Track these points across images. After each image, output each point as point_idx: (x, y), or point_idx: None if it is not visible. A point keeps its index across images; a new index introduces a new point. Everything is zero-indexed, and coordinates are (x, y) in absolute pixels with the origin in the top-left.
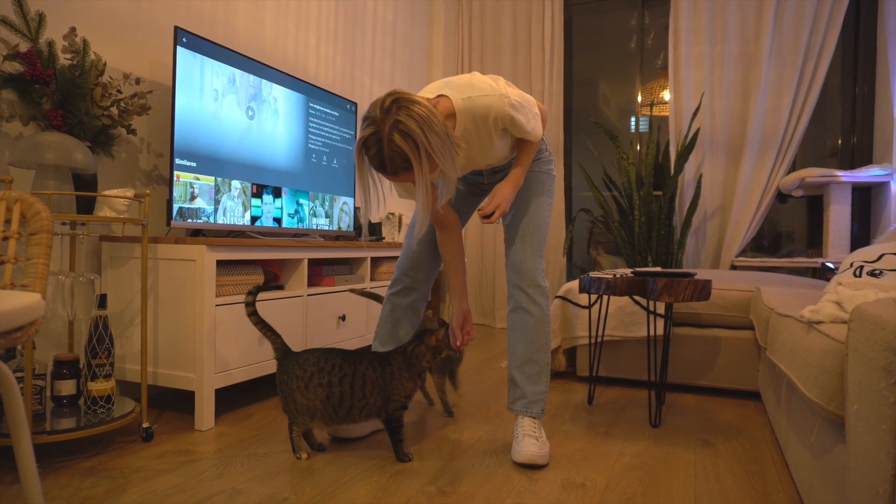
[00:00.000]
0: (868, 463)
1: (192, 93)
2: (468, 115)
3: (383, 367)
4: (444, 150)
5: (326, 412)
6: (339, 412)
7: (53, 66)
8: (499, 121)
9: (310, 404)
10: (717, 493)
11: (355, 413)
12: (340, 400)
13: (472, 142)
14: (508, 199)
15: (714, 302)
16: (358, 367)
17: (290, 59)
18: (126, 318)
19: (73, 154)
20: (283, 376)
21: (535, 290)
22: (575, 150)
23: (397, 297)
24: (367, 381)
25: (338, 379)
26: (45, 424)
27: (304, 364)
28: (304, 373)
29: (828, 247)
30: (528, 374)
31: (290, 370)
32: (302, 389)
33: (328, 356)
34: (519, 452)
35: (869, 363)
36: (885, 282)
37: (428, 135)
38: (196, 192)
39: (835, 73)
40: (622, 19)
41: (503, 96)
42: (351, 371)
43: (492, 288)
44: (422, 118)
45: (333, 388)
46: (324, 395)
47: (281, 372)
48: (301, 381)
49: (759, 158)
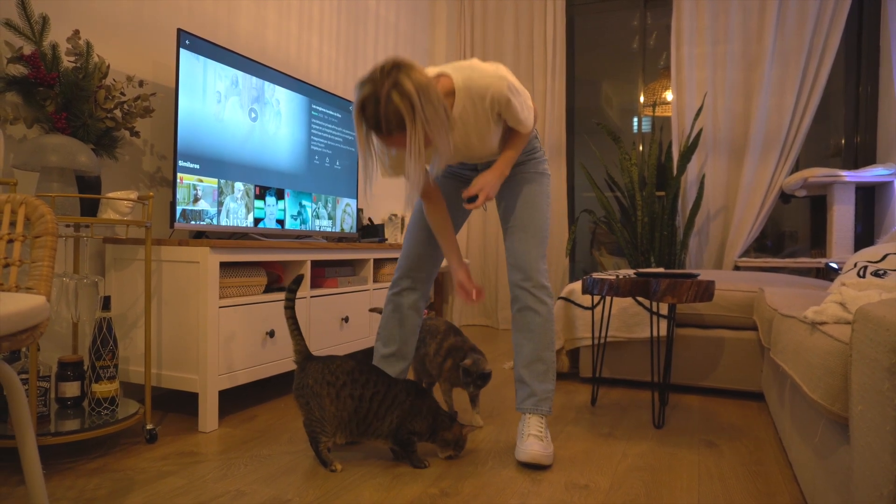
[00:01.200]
0: (872, 464)
1: (194, 95)
2: (467, 94)
3: (415, 398)
4: (437, 120)
5: (350, 426)
6: (360, 428)
7: (57, 68)
8: (496, 102)
9: (338, 413)
10: (721, 495)
11: (370, 433)
12: (366, 417)
13: (469, 125)
14: (492, 185)
15: (717, 303)
16: (390, 390)
17: (292, 60)
18: (130, 320)
19: (76, 156)
20: (308, 380)
21: (541, 291)
22: (577, 151)
23: (399, 298)
24: (394, 405)
25: (370, 394)
26: (49, 426)
27: (336, 371)
28: (336, 380)
29: (831, 247)
30: (536, 372)
31: (318, 375)
32: (332, 397)
33: (363, 369)
34: (523, 452)
35: (873, 364)
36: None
37: (423, 102)
38: (199, 194)
39: (838, 72)
40: (624, 20)
41: (502, 78)
42: (384, 390)
43: (494, 290)
44: (420, 84)
45: (363, 403)
46: (353, 408)
47: (304, 376)
48: (333, 388)
49: (763, 158)
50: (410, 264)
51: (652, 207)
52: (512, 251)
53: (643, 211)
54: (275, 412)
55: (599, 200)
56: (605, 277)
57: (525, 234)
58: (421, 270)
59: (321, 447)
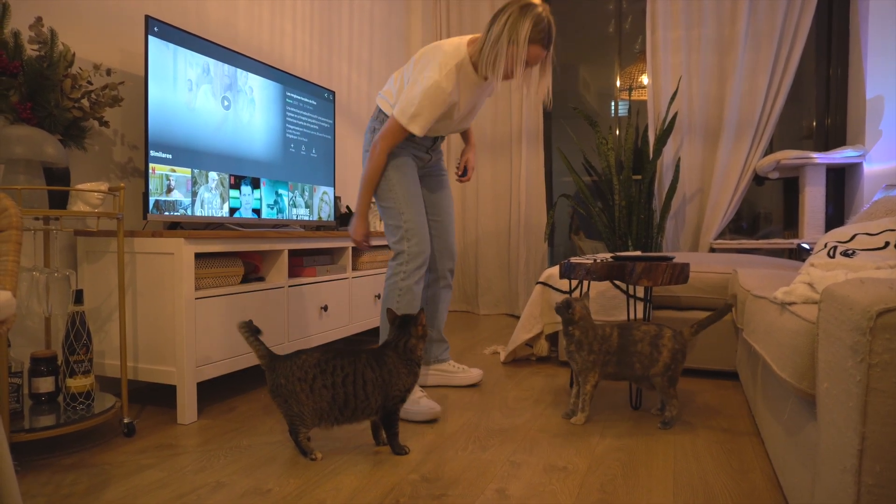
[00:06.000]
0: (836, 439)
1: (165, 83)
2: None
3: (381, 365)
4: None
5: (332, 413)
6: (344, 413)
7: (20, 57)
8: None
9: (316, 406)
10: (696, 473)
11: (359, 413)
12: (346, 401)
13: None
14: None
15: (692, 285)
16: (357, 367)
17: (265, 47)
18: (104, 314)
19: (43, 147)
20: (281, 380)
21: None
22: (555, 136)
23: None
24: (367, 381)
25: (340, 380)
26: (23, 422)
27: (303, 366)
28: (305, 375)
29: (803, 228)
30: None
31: (288, 374)
32: (307, 391)
33: (328, 357)
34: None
35: (837, 342)
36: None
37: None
38: (172, 185)
39: (809, 55)
40: (600, 4)
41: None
42: (352, 371)
43: (474, 276)
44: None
45: (338, 390)
46: (329, 397)
47: (276, 377)
48: (304, 383)
49: (736, 141)
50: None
51: (629, 191)
52: (446, 241)
53: (620, 195)
54: (254, 403)
55: (577, 185)
56: (581, 262)
57: (451, 230)
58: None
59: (301, 437)
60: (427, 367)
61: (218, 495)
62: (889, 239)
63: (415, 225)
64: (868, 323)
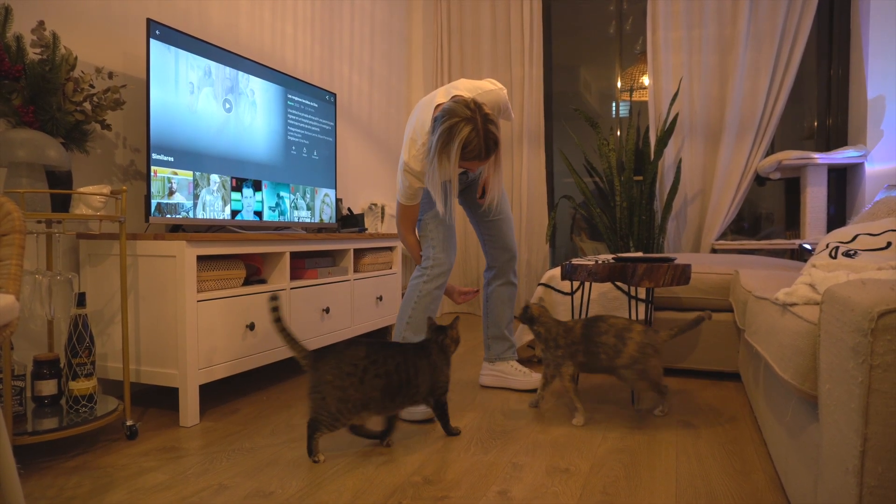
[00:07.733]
0: (838, 440)
1: (166, 86)
2: (494, 106)
3: (427, 355)
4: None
5: (383, 402)
6: (395, 400)
7: (23, 60)
8: (501, 110)
9: (364, 397)
10: (698, 474)
11: (408, 400)
12: (399, 388)
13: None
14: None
15: (694, 286)
16: (408, 356)
17: (266, 49)
18: (107, 316)
19: (45, 151)
20: (326, 377)
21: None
22: (556, 137)
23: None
24: (419, 369)
25: (394, 368)
26: (26, 425)
27: (352, 360)
28: (355, 368)
29: (805, 228)
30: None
31: (335, 370)
32: (357, 384)
33: (375, 348)
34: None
35: (839, 344)
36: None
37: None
38: (174, 187)
39: (810, 55)
40: (601, 4)
41: (501, 88)
42: (402, 359)
43: (476, 277)
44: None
45: (392, 377)
46: (382, 385)
47: (322, 373)
48: (354, 377)
49: (738, 141)
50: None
51: (630, 192)
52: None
53: (622, 196)
54: (257, 405)
55: (578, 186)
56: (583, 263)
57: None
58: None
59: (318, 435)
60: (491, 364)
61: (220, 498)
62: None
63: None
64: (870, 324)
